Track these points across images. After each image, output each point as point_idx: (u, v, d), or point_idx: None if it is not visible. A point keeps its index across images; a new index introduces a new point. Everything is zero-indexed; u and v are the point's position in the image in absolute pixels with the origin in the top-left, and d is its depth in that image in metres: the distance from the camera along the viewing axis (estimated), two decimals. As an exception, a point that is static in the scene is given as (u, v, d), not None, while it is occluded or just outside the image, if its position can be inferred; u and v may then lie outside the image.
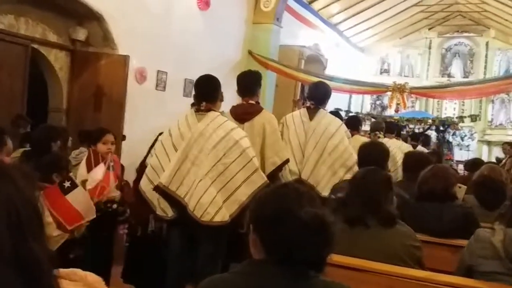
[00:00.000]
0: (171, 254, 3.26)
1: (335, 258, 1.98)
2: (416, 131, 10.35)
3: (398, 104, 9.47)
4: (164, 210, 3.16)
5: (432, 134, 10.92)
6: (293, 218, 1.33)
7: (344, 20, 12.07)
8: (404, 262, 2.24)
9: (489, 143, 13.13)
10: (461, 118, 11.14)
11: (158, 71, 6.71)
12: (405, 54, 14.41)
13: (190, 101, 3.41)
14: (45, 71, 6.04)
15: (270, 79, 8.72)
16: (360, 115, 10.01)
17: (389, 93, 9.51)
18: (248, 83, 3.90)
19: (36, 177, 0.96)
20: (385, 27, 13.33)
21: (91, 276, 1.02)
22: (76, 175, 3.44)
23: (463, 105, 13.44)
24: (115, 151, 4.09)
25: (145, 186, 3.22)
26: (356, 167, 3.62)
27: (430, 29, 14.25)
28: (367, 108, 14.12)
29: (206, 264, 3.07)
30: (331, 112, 4.90)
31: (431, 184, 2.97)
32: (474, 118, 11.30)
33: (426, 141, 8.49)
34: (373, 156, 3.24)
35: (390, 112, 11.28)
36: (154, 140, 3.61)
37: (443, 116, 12.71)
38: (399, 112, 10.45)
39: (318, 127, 4.01)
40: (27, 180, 0.85)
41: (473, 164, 5.66)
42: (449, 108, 13.63)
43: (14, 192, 0.80)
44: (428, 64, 14.19)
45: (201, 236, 3.13)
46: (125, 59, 5.92)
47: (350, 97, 12.93)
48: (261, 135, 3.71)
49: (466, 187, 3.53)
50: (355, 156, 3.76)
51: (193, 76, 3.39)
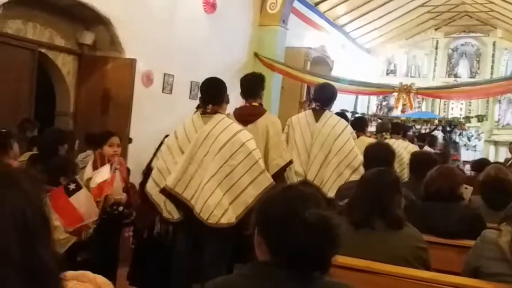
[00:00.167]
0: (177, 256, 3.26)
1: (340, 259, 1.99)
2: (423, 131, 10.32)
3: (404, 104, 9.44)
4: (170, 212, 3.17)
5: (439, 134, 10.87)
6: (298, 220, 1.33)
7: (350, 21, 12.05)
8: (409, 263, 2.23)
9: (496, 143, 13.05)
10: (467, 119, 11.06)
11: (165, 74, 6.74)
12: (411, 55, 14.36)
13: (196, 103, 3.41)
14: (52, 75, 6.08)
15: (276, 81, 8.72)
16: (366, 116, 9.97)
17: (395, 93, 9.47)
18: (251, 85, 3.90)
19: (43, 181, 0.96)
20: (391, 28, 13.29)
21: (100, 278, 1.04)
22: (82, 178, 3.46)
23: (470, 105, 13.37)
24: (121, 154, 4.12)
25: (151, 188, 3.23)
26: (362, 168, 3.61)
27: (436, 29, 14.19)
28: (373, 109, 14.08)
29: (212, 266, 3.07)
30: (337, 113, 4.89)
31: (437, 185, 2.96)
32: (481, 118, 11.21)
33: (432, 141, 8.46)
34: (379, 157, 3.22)
35: (397, 112, 11.23)
36: (160, 142, 3.62)
37: (450, 116, 12.65)
38: (405, 113, 10.42)
39: (324, 128, 4.01)
40: (34, 185, 0.85)
41: (479, 164, 5.63)
42: (455, 109, 13.57)
43: (22, 198, 0.80)
44: (435, 64, 14.13)
45: (207, 238, 3.13)
46: (132, 62, 5.95)
47: (356, 98, 12.90)
48: (264, 137, 3.70)
49: (472, 188, 3.51)
50: (360, 157, 3.74)
51: (199, 78, 3.40)
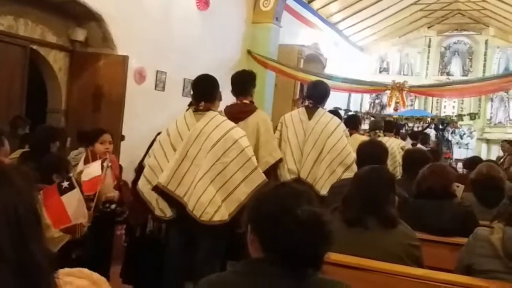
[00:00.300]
0: (170, 253, 3.25)
1: (333, 256, 1.99)
2: (415, 129, 10.36)
3: (397, 102, 9.49)
4: (163, 210, 3.15)
5: (431, 132, 10.93)
6: (290, 217, 1.33)
7: (343, 19, 12.07)
8: (402, 261, 2.23)
9: (488, 141, 13.14)
10: (460, 117, 11.13)
11: (157, 71, 6.71)
12: (404, 53, 14.42)
13: (189, 101, 3.40)
14: (44, 72, 6.04)
15: (270, 79, 8.72)
16: (359, 114, 10.01)
17: (388, 92, 9.52)
18: (242, 83, 3.90)
19: (35, 178, 0.96)
20: (384, 26, 13.33)
21: (96, 275, 1.04)
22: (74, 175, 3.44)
23: (462, 103, 13.45)
24: (113, 151, 4.09)
25: (142, 186, 3.21)
26: (354, 166, 3.62)
27: (429, 27, 14.26)
28: (366, 107, 14.14)
29: (205, 264, 3.07)
30: (330, 111, 4.90)
31: (429, 182, 2.97)
32: (473, 116, 11.30)
33: (425, 139, 8.51)
34: (372, 155, 3.22)
35: (389, 110, 11.29)
36: (153, 140, 3.60)
37: (442, 114, 12.72)
38: (398, 111, 10.46)
39: (317, 126, 4.01)
40: (26, 182, 0.84)
41: (472, 162, 5.66)
42: (448, 107, 13.65)
43: (14, 194, 0.80)
44: (427, 62, 14.21)
45: (200, 235, 3.13)
46: (124, 59, 5.92)
47: (349, 96, 12.94)
48: (254, 135, 3.70)
49: (464, 186, 3.53)
50: (353, 155, 3.75)
51: (192, 76, 3.38)
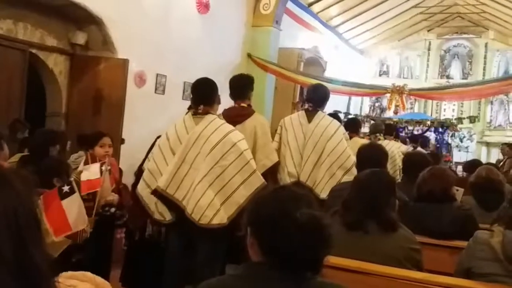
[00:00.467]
0: (170, 257, 3.25)
1: (333, 260, 1.98)
2: (415, 132, 10.36)
3: (397, 106, 9.48)
4: (162, 214, 3.15)
5: (431, 135, 10.93)
6: (289, 220, 1.33)
7: (343, 22, 12.10)
8: (402, 264, 2.23)
9: (488, 144, 13.14)
10: (459, 120, 11.12)
11: (158, 74, 6.71)
12: (404, 56, 14.44)
13: (189, 104, 3.40)
14: (43, 76, 6.04)
15: (270, 82, 8.72)
16: (359, 117, 9.99)
17: (388, 95, 9.52)
18: (240, 87, 3.92)
19: (35, 182, 0.96)
20: (384, 29, 13.36)
21: (99, 279, 1.05)
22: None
23: (462, 106, 13.46)
24: (113, 155, 4.09)
25: (142, 190, 3.21)
26: (354, 169, 3.62)
27: (429, 30, 14.28)
28: (366, 110, 14.14)
29: (205, 267, 3.07)
30: (330, 114, 4.90)
31: (430, 186, 2.96)
32: (473, 120, 11.28)
33: (424, 142, 8.50)
34: (372, 158, 3.22)
35: (389, 114, 11.28)
36: (152, 144, 3.61)
37: (442, 117, 12.72)
38: (398, 114, 10.46)
39: (317, 129, 4.01)
40: (26, 186, 0.85)
41: (471, 165, 5.65)
42: (448, 110, 13.66)
43: (14, 197, 0.80)
44: (427, 65, 14.23)
45: (199, 238, 3.12)
46: (124, 62, 5.93)
47: (349, 99, 12.94)
48: (252, 138, 3.71)
49: (463, 189, 3.52)
50: (353, 158, 3.75)
51: (192, 79, 3.39)
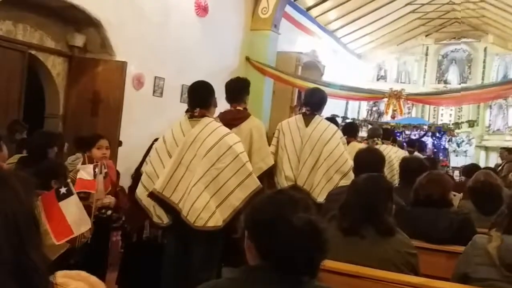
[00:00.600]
0: (166, 259, 3.24)
1: (330, 264, 1.99)
2: (413, 137, 10.38)
3: (394, 110, 9.49)
4: (160, 217, 3.16)
5: (428, 140, 10.95)
6: (286, 224, 1.33)
7: (341, 27, 12.13)
8: (398, 268, 2.23)
9: (486, 148, 13.15)
10: (457, 125, 11.16)
11: (156, 77, 6.72)
12: (402, 61, 14.47)
13: (187, 107, 3.41)
14: (42, 77, 6.04)
15: (268, 86, 8.74)
16: (357, 121, 10.03)
17: (385, 99, 9.53)
18: (236, 90, 3.92)
19: (34, 183, 0.95)
20: (382, 34, 13.40)
21: (93, 278, 1.06)
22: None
23: (460, 111, 13.47)
24: (111, 157, 4.09)
25: (141, 194, 3.21)
26: (351, 173, 3.62)
27: (427, 36, 14.33)
28: (363, 115, 14.15)
29: (201, 269, 3.06)
30: (327, 118, 4.90)
31: (427, 190, 2.96)
32: (471, 124, 11.30)
33: (421, 147, 8.51)
34: (369, 163, 3.23)
35: (387, 118, 11.30)
36: (149, 147, 3.61)
37: (439, 122, 12.75)
38: (395, 119, 10.48)
39: (314, 133, 4.01)
40: (25, 187, 0.84)
41: (470, 170, 5.64)
42: (445, 115, 13.67)
43: (13, 198, 0.80)
44: (425, 70, 14.26)
45: (195, 241, 3.12)
46: (122, 65, 5.94)
47: (347, 103, 12.96)
48: (248, 141, 3.71)
49: (461, 194, 3.52)
50: (350, 162, 3.76)
51: (190, 82, 3.39)
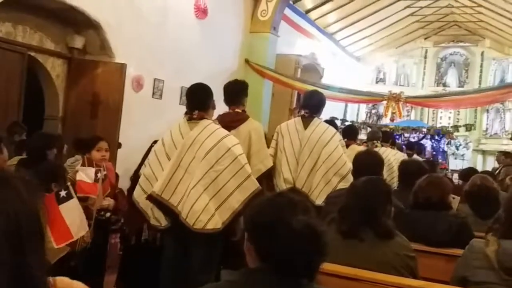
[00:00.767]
0: (165, 262, 3.24)
1: (329, 267, 1.99)
2: (411, 140, 10.40)
3: (393, 113, 9.52)
4: (158, 219, 3.15)
5: (427, 143, 10.97)
6: (285, 227, 1.34)
7: (341, 29, 12.16)
8: (397, 271, 2.24)
9: (483, 152, 13.19)
10: (456, 127, 11.17)
11: (155, 79, 6.73)
12: (400, 64, 14.51)
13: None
14: (41, 79, 6.04)
15: (267, 88, 8.75)
16: (356, 124, 10.03)
17: (384, 102, 9.55)
18: (234, 92, 3.92)
19: (39, 186, 0.94)
20: (381, 37, 13.43)
21: (77, 284, 1.03)
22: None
23: (458, 114, 13.52)
24: (110, 159, 4.09)
25: (138, 196, 3.21)
26: (350, 176, 3.62)
27: (425, 38, 14.37)
28: (362, 117, 14.18)
29: (200, 272, 3.05)
30: (326, 120, 4.90)
31: (427, 193, 2.97)
32: (469, 128, 11.32)
33: (420, 150, 8.53)
34: (368, 166, 3.23)
35: (386, 121, 11.32)
36: (148, 149, 3.61)
37: (438, 125, 12.77)
38: (394, 121, 10.50)
39: (313, 135, 4.01)
40: (30, 191, 0.84)
41: (467, 173, 5.66)
42: (444, 118, 13.71)
43: (16, 200, 0.79)
44: (424, 73, 14.30)
45: (194, 243, 3.11)
46: (122, 67, 5.94)
47: (346, 105, 12.99)
48: (246, 143, 3.70)
49: (459, 197, 3.53)
50: (349, 165, 3.76)
51: (189, 84, 3.39)
